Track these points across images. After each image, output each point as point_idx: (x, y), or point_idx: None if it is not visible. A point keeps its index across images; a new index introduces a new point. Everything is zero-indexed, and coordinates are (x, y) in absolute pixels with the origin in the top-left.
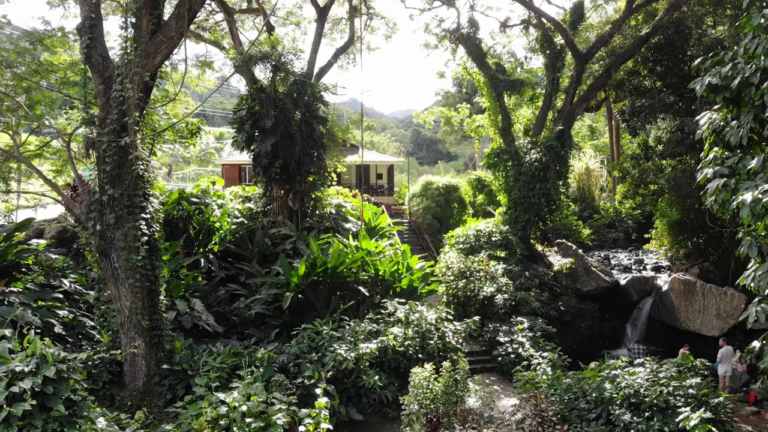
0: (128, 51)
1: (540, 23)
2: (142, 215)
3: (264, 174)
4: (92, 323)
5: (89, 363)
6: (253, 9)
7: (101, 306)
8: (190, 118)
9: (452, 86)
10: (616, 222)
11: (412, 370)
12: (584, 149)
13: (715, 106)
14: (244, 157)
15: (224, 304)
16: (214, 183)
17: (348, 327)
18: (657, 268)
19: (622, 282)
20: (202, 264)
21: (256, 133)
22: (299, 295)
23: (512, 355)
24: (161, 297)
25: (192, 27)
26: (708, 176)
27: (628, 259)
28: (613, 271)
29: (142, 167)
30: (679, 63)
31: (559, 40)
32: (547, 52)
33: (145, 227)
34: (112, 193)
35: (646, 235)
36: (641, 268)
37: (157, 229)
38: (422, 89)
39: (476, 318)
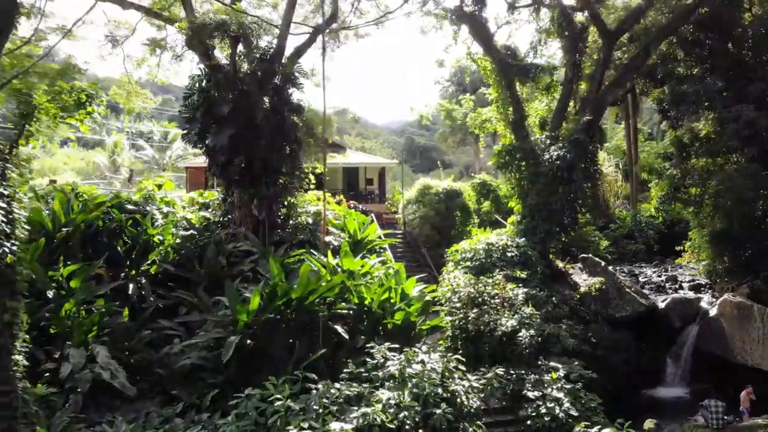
0: None
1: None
2: None
3: (221, 174)
4: None
5: None
6: None
7: None
8: (78, 81)
9: (452, 85)
10: (635, 232)
11: None
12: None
13: None
14: None
15: (150, 349)
16: (160, 186)
17: (315, 392)
18: (695, 287)
19: (661, 305)
20: (131, 291)
21: (212, 123)
22: (249, 340)
23: (546, 418)
24: (15, 355)
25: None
26: None
27: (658, 276)
28: (643, 290)
29: None
30: (726, 42)
31: (579, 19)
32: (566, 33)
33: None
34: None
35: (678, 248)
36: (677, 286)
37: (12, 248)
38: (420, 100)
39: (500, 371)
